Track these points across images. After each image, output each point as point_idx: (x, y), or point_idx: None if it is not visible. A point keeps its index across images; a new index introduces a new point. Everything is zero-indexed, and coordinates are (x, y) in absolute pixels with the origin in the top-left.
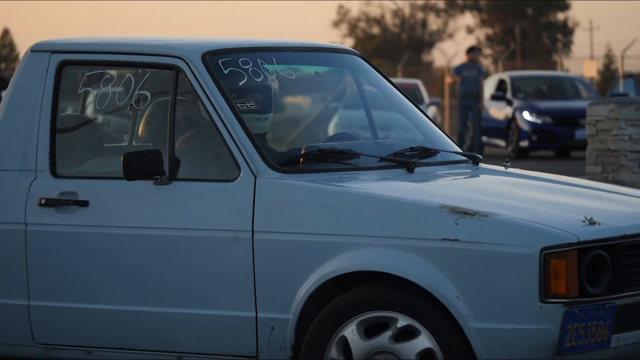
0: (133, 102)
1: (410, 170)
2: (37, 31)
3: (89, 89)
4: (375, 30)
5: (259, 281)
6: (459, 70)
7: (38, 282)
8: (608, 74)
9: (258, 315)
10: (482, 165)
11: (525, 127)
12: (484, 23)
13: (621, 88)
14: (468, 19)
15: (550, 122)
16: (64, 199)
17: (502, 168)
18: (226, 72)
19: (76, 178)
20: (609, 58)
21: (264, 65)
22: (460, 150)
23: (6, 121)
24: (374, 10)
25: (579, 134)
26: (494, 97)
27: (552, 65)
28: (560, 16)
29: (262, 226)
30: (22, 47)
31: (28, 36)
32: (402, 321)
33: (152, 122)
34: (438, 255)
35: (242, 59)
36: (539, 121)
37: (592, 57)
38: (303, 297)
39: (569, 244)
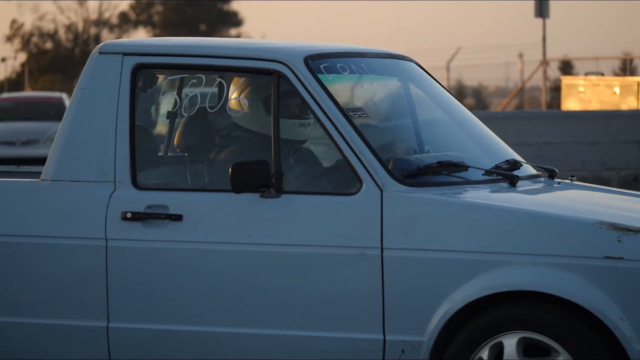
0: (237, 106)
1: (513, 184)
2: None
3: (174, 94)
4: (49, 45)
5: (388, 300)
6: None
7: (120, 301)
8: None
9: (386, 337)
10: (557, 179)
11: None
12: None
13: None
14: (142, 34)
15: None
16: (154, 212)
17: (569, 181)
18: (330, 78)
19: (162, 190)
20: None
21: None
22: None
23: (77, 128)
24: (48, 25)
25: None
26: None
27: None
28: (234, 32)
29: (393, 242)
30: None
31: None
32: (564, 357)
33: (188, 132)
34: (599, 274)
35: (340, 65)
36: None
37: None
38: (443, 318)
39: None
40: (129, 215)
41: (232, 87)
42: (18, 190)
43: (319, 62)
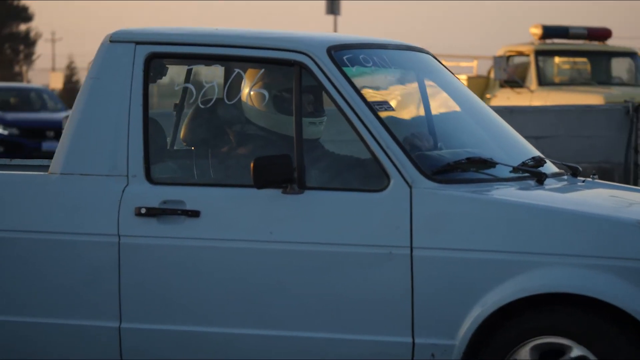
0: (248, 100)
1: (541, 182)
2: None
3: (189, 85)
4: None
5: (418, 302)
6: None
7: (132, 301)
8: (70, 85)
9: (415, 340)
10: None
11: None
12: None
13: None
14: None
15: (17, 134)
16: (169, 208)
17: (590, 179)
18: (354, 69)
19: (178, 185)
20: (71, 69)
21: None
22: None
23: (87, 119)
24: None
25: (45, 145)
26: None
27: (16, 77)
28: (23, 27)
29: (423, 242)
30: None
31: None
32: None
33: (198, 124)
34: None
35: (362, 56)
36: (5, 132)
37: (54, 69)
38: (476, 321)
39: None
40: (143, 210)
41: (246, 80)
42: (25, 184)
43: (342, 53)
